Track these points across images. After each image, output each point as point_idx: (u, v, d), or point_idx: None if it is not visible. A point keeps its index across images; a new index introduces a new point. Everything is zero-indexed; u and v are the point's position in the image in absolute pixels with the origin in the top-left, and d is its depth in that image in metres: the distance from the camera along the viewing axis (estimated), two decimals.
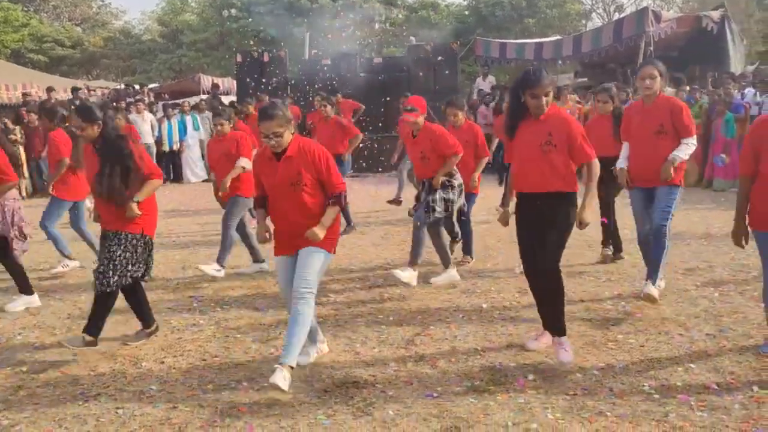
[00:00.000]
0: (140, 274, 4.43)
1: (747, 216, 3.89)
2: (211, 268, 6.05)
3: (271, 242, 4.06)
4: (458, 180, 5.71)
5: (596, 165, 3.95)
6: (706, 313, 4.78)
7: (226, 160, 6.13)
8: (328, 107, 8.36)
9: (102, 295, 4.28)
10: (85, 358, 4.28)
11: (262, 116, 3.73)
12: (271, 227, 4.04)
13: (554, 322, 4.04)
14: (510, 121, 4.07)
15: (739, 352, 4.04)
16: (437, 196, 5.55)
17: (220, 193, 6.17)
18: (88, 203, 7.68)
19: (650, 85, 4.78)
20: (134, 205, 4.25)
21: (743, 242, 3.92)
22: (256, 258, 6.43)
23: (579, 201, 4.00)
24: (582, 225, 3.96)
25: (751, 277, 5.61)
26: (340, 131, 8.37)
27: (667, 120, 4.76)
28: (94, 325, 4.34)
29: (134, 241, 4.32)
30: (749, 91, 11.89)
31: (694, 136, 4.85)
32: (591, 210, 4.00)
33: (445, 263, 5.85)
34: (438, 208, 5.53)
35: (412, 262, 5.63)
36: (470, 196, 6.53)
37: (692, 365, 3.87)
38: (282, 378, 3.48)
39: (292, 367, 3.60)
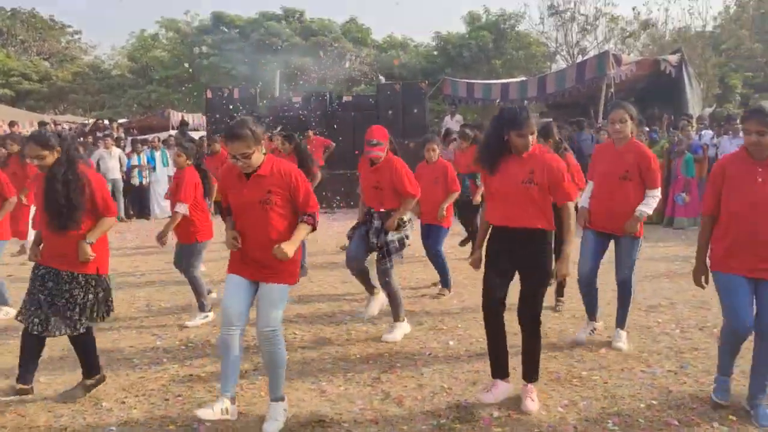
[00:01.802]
0: (102, 316, 4.24)
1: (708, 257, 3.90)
2: (198, 319, 5.93)
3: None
4: (408, 215, 5.42)
5: (567, 209, 3.92)
6: (668, 350, 4.87)
7: (172, 194, 6.00)
8: (287, 145, 8.04)
9: (77, 338, 4.15)
10: (43, 398, 4.17)
11: (229, 136, 3.56)
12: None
13: (532, 368, 3.98)
14: (491, 158, 3.99)
15: (700, 388, 4.12)
16: (393, 237, 5.25)
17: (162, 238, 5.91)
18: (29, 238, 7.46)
19: (620, 129, 4.74)
20: (87, 247, 4.04)
21: (703, 282, 3.91)
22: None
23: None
24: (559, 276, 3.97)
25: (711, 315, 5.74)
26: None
27: (634, 167, 4.71)
28: (88, 368, 4.24)
29: (93, 282, 4.15)
30: (706, 133, 12.31)
31: (659, 188, 4.82)
32: (569, 261, 3.92)
33: (397, 315, 5.38)
34: (393, 253, 5.25)
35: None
36: (440, 229, 6.62)
37: (654, 402, 3.93)
38: (274, 420, 3.68)
39: (283, 399, 3.77)
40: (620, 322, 4.99)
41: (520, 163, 3.90)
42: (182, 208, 5.81)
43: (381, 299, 5.54)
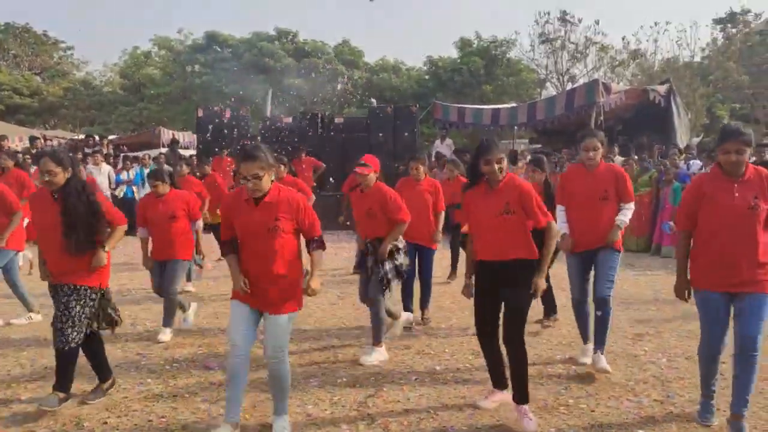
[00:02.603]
0: (102, 327, 4.35)
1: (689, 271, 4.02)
2: (166, 334, 5.95)
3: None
4: (401, 241, 5.54)
5: (552, 229, 4.08)
6: (654, 379, 4.87)
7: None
8: (281, 168, 7.69)
9: (62, 351, 4.13)
10: (24, 416, 4.10)
11: (244, 156, 3.59)
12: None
13: (521, 390, 4.05)
14: (467, 185, 4.24)
15: (686, 418, 4.11)
16: (387, 267, 5.33)
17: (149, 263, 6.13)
18: (29, 254, 7.55)
19: (594, 157, 4.94)
20: (103, 254, 4.22)
21: (686, 296, 4.02)
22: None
23: None
24: (536, 290, 4.04)
25: (697, 344, 5.74)
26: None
27: (612, 187, 4.94)
28: (63, 382, 4.21)
29: (93, 296, 4.23)
30: (694, 163, 12.43)
31: (633, 202, 5.06)
32: (544, 275, 4.08)
33: (377, 340, 5.39)
34: (393, 281, 5.36)
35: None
36: (428, 251, 6.60)
37: (641, 431, 3.91)
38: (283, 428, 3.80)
39: (287, 412, 3.90)
40: (600, 345, 4.99)
41: (495, 195, 4.04)
42: (141, 232, 6.23)
43: (404, 318, 5.80)
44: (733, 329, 3.78)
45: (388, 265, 5.34)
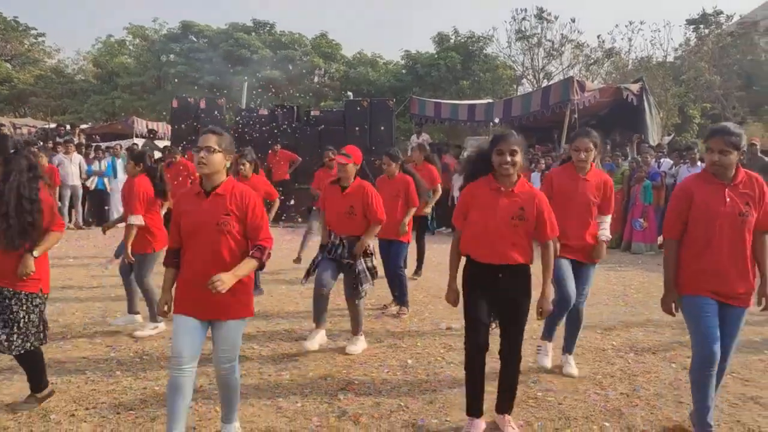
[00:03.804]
0: (42, 337, 4.02)
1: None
2: (147, 330, 5.86)
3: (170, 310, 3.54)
4: (374, 241, 5.54)
5: (551, 247, 3.83)
6: (621, 373, 4.95)
7: (124, 206, 5.96)
8: (247, 165, 7.47)
9: (22, 355, 3.97)
10: None
11: (205, 130, 3.40)
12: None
13: (510, 401, 3.88)
14: (471, 176, 3.89)
15: (651, 410, 4.19)
16: (360, 267, 5.31)
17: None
18: None
19: (585, 158, 4.64)
20: (31, 261, 3.82)
21: (674, 310, 3.77)
22: (131, 309, 6.20)
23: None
24: (543, 314, 3.81)
25: (664, 339, 5.87)
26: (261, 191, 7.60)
27: (599, 194, 4.72)
28: (36, 383, 4.12)
29: (36, 301, 3.95)
30: (666, 161, 12.64)
31: (611, 215, 4.89)
32: (550, 299, 3.82)
33: (357, 330, 5.47)
34: (366, 282, 5.34)
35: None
36: (400, 245, 6.63)
37: (607, 423, 3.99)
38: None
39: (236, 420, 3.69)
40: (569, 348, 5.03)
41: (509, 198, 3.71)
42: (135, 219, 5.75)
43: (323, 336, 5.50)
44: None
45: (360, 266, 5.31)
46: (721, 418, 4.07)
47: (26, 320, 3.90)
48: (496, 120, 16.76)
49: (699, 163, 11.03)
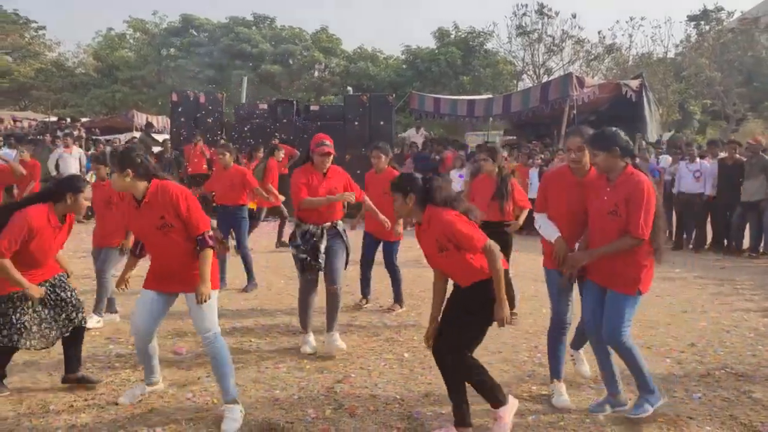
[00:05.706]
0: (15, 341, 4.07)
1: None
2: (92, 321, 5.84)
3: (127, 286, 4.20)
4: (341, 225, 5.43)
5: (491, 248, 3.57)
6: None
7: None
8: (227, 155, 7.65)
9: None
10: None
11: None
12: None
13: (490, 396, 3.72)
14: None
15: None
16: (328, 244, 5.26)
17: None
18: None
19: (578, 159, 4.05)
20: None
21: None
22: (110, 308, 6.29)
23: None
24: (507, 322, 3.63)
25: (658, 334, 5.91)
26: (240, 181, 7.66)
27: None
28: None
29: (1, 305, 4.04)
30: (664, 158, 12.65)
31: None
32: (505, 303, 3.60)
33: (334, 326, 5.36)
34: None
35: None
36: (393, 244, 6.65)
37: (600, 417, 4.03)
38: (232, 420, 3.71)
39: (236, 401, 3.80)
40: (578, 346, 4.87)
41: (426, 233, 3.70)
42: None
43: (310, 341, 5.33)
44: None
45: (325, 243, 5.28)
46: (714, 413, 4.11)
47: None
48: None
49: (698, 159, 11.03)
